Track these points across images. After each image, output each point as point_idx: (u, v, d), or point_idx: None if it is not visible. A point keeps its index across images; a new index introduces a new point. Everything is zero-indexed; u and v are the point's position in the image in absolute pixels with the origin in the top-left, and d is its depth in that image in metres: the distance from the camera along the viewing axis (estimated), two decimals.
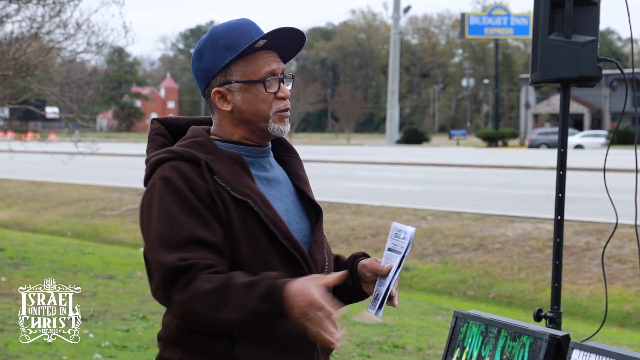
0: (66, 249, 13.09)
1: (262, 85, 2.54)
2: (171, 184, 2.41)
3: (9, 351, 6.79)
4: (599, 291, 10.07)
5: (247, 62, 2.55)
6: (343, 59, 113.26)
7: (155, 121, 2.68)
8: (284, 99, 2.60)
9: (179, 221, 2.38)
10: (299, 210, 2.62)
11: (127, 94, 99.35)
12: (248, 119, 2.56)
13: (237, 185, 2.46)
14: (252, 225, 2.44)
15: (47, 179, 24.14)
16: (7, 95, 11.99)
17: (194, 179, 2.42)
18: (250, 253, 2.43)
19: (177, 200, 2.40)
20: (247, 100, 2.55)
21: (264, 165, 2.61)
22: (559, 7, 3.90)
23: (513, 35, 72.74)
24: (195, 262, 2.33)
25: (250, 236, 2.43)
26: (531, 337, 2.58)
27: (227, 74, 2.55)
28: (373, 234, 13.78)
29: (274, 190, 2.58)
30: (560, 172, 4.04)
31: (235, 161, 2.51)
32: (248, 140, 2.59)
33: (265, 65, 2.55)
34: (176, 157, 2.47)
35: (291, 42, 2.61)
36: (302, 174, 2.72)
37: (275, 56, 2.58)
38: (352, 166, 31.04)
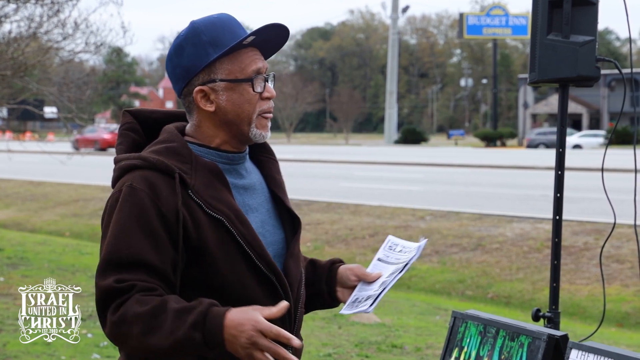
0: (64, 249, 13.09)
1: (249, 84, 2.40)
2: (136, 196, 2.29)
3: (7, 351, 6.79)
4: (597, 291, 10.08)
5: (232, 59, 2.40)
6: (341, 59, 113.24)
7: (127, 114, 2.52)
8: (269, 99, 2.45)
9: (129, 239, 2.26)
10: (273, 220, 2.50)
11: (126, 93, 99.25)
12: (231, 120, 2.41)
13: (212, 200, 2.32)
14: (227, 243, 2.32)
15: (46, 179, 24.14)
16: (6, 95, 11.99)
17: (163, 193, 2.29)
18: (226, 272, 2.32)
19: (135, 214, 2.27)
20: (231, 100, 2.40)
21: (240, 172, 2.47)
22: (558, 7, 3.90)
23: (511, 35, 72.80)
24: (133, 284, 2.22)
25: (225, 254, 2.31)
26: (529, 337, 2.59)
27: (211, 71, 2.40)
28: (371, 233, 13.78)
29: (250, 198, 2.46)
30: (558, 172, 4.04)
31: (212, 172, 2.37)
32: (228, 145, 2.44)
33: (252, 63, 2.41)
34: (148, 165, 2.32)
35: (274, 39, 2.47)
36: (279, 177, 2.59)
37: (259, 54, 2.45)
38: (351, 166, 31.04)
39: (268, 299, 2.36)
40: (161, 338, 2.18)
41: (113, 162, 2.46)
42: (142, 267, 2.25)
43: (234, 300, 2.31)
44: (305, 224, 14.91)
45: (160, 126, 2.51)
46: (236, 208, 2.36)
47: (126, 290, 2.22)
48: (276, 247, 2.47)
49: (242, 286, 2.34)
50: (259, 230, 2.42)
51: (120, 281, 2.22)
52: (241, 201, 2.43)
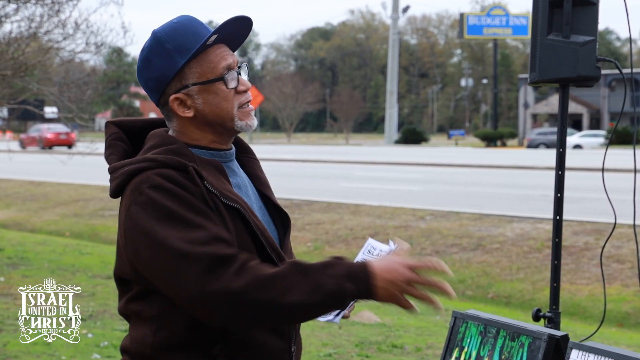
0: (65, 249, 13.09)
1: (222, 82, 2.37)
2: (165, 189, 2.23)
3: (7, 351, 6.79)
4: (598, 291, 10.08)
5: (200, 61, 2.38)
6: (342, 59, 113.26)
7: (110, 125, 2.49)
8: (245, 92, 2.42)
9: (191, 223, 2.20)
10: (266, 217, 2.49)
11: (126, 94, 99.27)
12: (212, 121, 2.39)
13: (224, 191, 2.32)
14: (243, 233, 2.31)
15: (46, 179, 24.14)
16: (6, 95, 11.99)
17: (186, 184, 2.26)
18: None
19: (179, 202, 2.22)
20: (208, 102, 2.37)
21: (233, 169, 2.47)
22: (558, 7, 3.90)
23: (512, 35, 72.80)
24: (234, 254, 2.17)
25: (243, 244, 2.30)
26: (530, 337, 2.59)
27: (182, 78, 2.37)
28: (372, 234, 13.78)
29: (245, 196, 2.45)
30: (559, 172, 4.04)
31: (215, 168, 2.38)
32: (216, 143, 2.43)
33: (221, 60, 2.38)
34: (158, 165, 2.29)
35: (237, 32, 2.45)
36: (263, 176, 2.58)
37: (226, 49, 2.42)
38: (351, 166, 31.04)
39: None
40: (308, 294, 2.15)
41: (108, 172, 2.40)
42: (221, 241, 2.20)
43: None
44: (305, 224, 14.91)
45: (141, 135, 2.48)
46: (245, 200, 2.37)
47: (231, 258, 2.16)
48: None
49: None
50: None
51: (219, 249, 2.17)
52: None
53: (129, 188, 2.28)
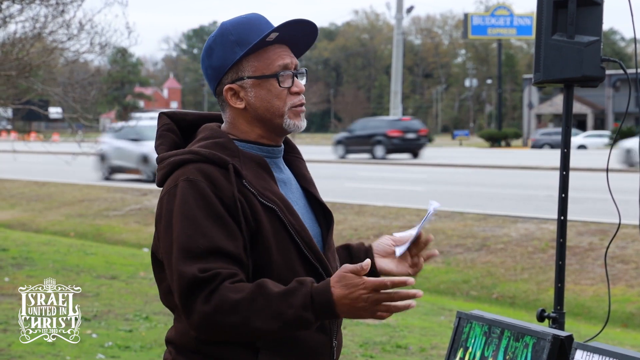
0: (69, 249, 13.10)
1: (276, 79, 2.45)
2: (196, 187, 2.32)
3: (12, 351, 6.80)
4: (602, 291, 10.06)
5: (259, 56, 2.45)
6: (346, 59, 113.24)
7: (163, 115, 2.57)
8: (298, 94, 2.49)
9: (201, 228, 2.29)
10: (310, 214, 2.54)
11: (130, 94, 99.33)
12: (262, 115, 2.46)
13: (263, 190, 2.38)
14: (280, 232, 2.37)
15: (50, 179, 24.16)
16: (11, 95, 12.00)
17: (221, 183, 2.33)
18: (280, 260, 2.37)
19: (202, 205, 2.31)
20: (260, 97, 2.45)
21: (280, 166, 2.53)
22: (562, 7, 3.89)
23: (516, 36, 72.69)
24: (217, 272, 2.26)
25: (279, 243, 2.37)
26: (534, 338, 2.58)
27: (238, 70, 2.46)
28: (376, 234, 13.78)
29: (290, 192, 2.51)
30: (563, 173, 4.03)
31: (259, 164, 2.44)
32: (265, 139, 2.49)
33: (278, 59, 2.46)
34: (201, 159, 2.37)
35: (301, 36, 2.51)
36: (308, 175, 2.64)
37: (287, 50, 2.49)
38: (355, 166, 31.04)
39: None
40: (268, 322, 2.24)
41: (156, 161, 2.50)
42: (220, 255, 2.29)
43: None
44: None
45: (194, 127, 2.56)
46: (284, 198, 2.42)
47: (211, 279, 2.25)
48: (317, 238, 2.52)
49: (292, 274, 2.38)
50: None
51: (204, 270, 2.26)
52: (284, 194, 2.48)
53: (171, 177, 2.39)
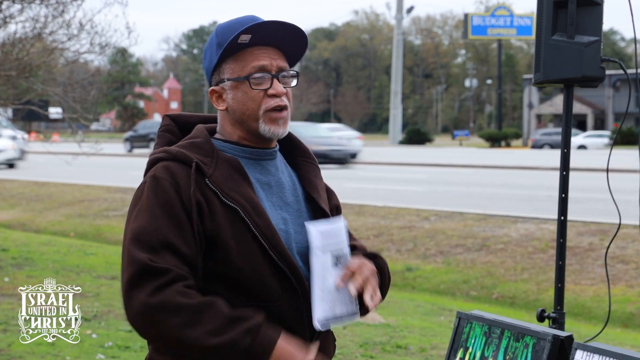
0: (69, 250, 13.09)
1: (248, 81, 2.44)
2: (159, 185, 2.36)
3: (12, 351, 6.80)
4: (602, 292, 10.06)
5: (236, 59, 2.46)
6: (346, 60, 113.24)
7: (166, 117, 2.61)
8: (275, 97, 2.45)
9: (158, 222, 2.31)
10: (303, 219, 2.50)
11: (130, 94, 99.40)
12: (240, 118, 2.47)
13: (229, 190, 2.37)
14: (242, 233, 2.35)
15: (50, 180, 24.16)
16: (11, 95, 12.00)
17: (183, 180, 2.36)
18: (242, 261, 2.35)
19: (161, 201, 2.34)
20: (237, 99, 2.46)
21: (267, 168, 2.51)
22: (562, 7, 3.89)
23: (516, 36, 72.70)
24: (169, 269, 2.26)
25: (240, 244, 2.35)
26: (534, 338, 2.58)
27: (220, 72, 2.48)
28: (376, 234, 13.78)
29: (274, 196, 2.48)
30: (563, 173, 4.03)
31: (232, 166, 2.43)
32: (246, 140, 2.49)
33: (254, 60, 2.45)
34: (169, 157, 2.41)
35: (289, 39, 2.49)
36: (316, 180, 2.61)
37: (269, 52, 2.47)
38: (355, 167, 31.04)
39: (284, 292, 2.39)
40: (204, 335, 2.23)
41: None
42: (171, 251, 2.30)
43: (250, 291, 2.36)
44: None
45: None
46: (254, 200, 2.40)
47: (162, 272, 2.26)
48: (302, 245, 2.47)
49: (258, 277, 2.36)
50: (280, 227, 2.43)
51: (154, 261, 2.26)
52: (262, 196, 2.46)
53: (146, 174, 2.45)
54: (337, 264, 2.43)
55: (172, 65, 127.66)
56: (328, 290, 2.40)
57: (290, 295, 2.38)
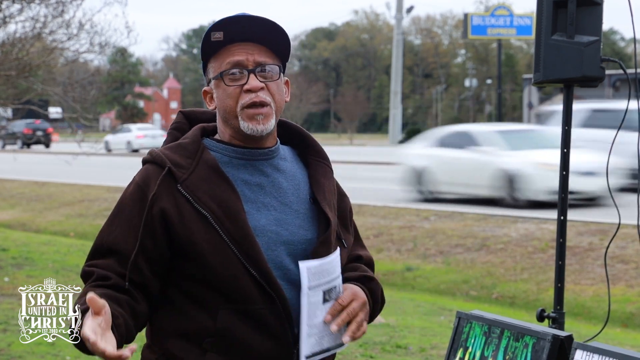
0: (69, 249, 13.10)
1: (222, 78, 2.42)
2: (131, 189, 2.42)
3: (12, 351, 6.80)
4: (602, 291, 10.06)
5: (217, 57, 2.44)
6: (346, 59, 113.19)
7: (180, 114, 2.60)
8: (250, 92, 2.40)
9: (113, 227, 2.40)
10: (301, 220, 2.47)
11: (130, 94, 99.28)
12: (223, 117, 2.45)
13: (202, 195, 2.36)
14: (216, 238, 2.34)
15: (50, 180, 24.16)
16: (10, 95, 12.00)
17: (152, 185, 2.37)
18: (217, 264, 2.34)
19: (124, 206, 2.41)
20: (219, 97, 2.44)
21: (260, 168, 2.45)
22: (562, 7, 3.89)
23: (516, 36, 72.58)
24: (92, 272, 2.35)
25: (215, 248, 2.34)
26: (534, 338, 2.58)
27: (207, 72, 2.48)
28: (376, 234, 13.78)
29: (268, 197, 2.44)
30: (563, 172, 4.03)
31: (211, 167, 2.40)
32: (236, 140, 2.46)
33: (228, 56, 2.42)
34: (150, 159, 2.43)
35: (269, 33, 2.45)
36: (324, 180, 2.56)
37: (248, 47, 2.43)
38: (355, 166, 31.04)
39: (262, 296, 2.37)
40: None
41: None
42: (114, 255, 2.36)
43: (229, 294, 2.36)
44: None
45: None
46: (230, 204, 2.37)
47: (88, 276, 2.36)
48: (295, 247, 2.44)
49: (234, 281, 2.35)
50: (271, 228, 2.40)
51: (89, 266, 2.37)
52: (251, 197, 2.42)
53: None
54: (327, 299, 2.43)
55: (171, 65, 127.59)
56: (316, 325, 2.41)
57: (267, 300, 2.36)
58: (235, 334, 2.35)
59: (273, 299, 2.36)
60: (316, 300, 2.40)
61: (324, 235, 2.48)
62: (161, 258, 2.37)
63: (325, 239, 2.47)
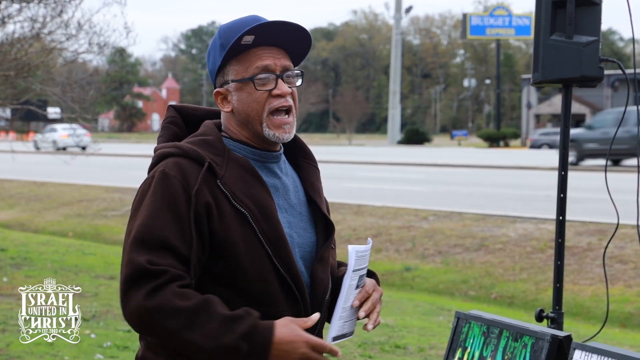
0: (68, 250, 13.09)
1: (252, 82, 2.41)
2: (168, 181, 2.33)
3: (10, 351, 6.79)
4: (601, 291, 10.06)
5: (240, 59, 2.42)
6: (345, 59, 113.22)
7: (171, 108, 2.58)
8: (280, 97, 2.41)
9: (160, 221, 2.29)
10: (305, 223, 2.50)
11: (129, 94, 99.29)
12: (245, 120, 2.43)
13: (239, 194, 2.35)
14: (251, 237, 2.34)
15: (49, 180, 24.14)
16: (9, 95, 12.00)
17: (193, 180, 2.33)
18: (248, 266, 2.34)
19: (168, 200, 2.31)
20: (241, 100, 2.43)
21: (273, 170, 2.48)
22: (561, 7, 3.89)
23: (515, 36, 72.71)
24: (165, 270, 2.25)
25: (249, 247, 2.34)
26: (533, 338, 2.58)
27: (224, 73, 2.45)
28: (375, 234, 13.78)
29: (281, 199, 2.46)
30: (562, 173, 4.04)
31: (244, 167, 2.40)
32: (253, 142, 2.46)
33: (257, 60, 2.41)
34: (182, 153, 2.37)
35: (293, 39, 2.46)
36: (317, 183, 2.58)
37: (273, 52, 2.43)
38: (354, 166, 31.03)
39: (286, 299, 2.38)
40: (204, 338, 2.22)
41: (153, 151, 2.52)
42: (171, 252, 2.28)
43: (254, 295, 2.35)
44: None
45: (201, 122, 2.55)
46: (264, 204, 2.38)
47: (158, 274, 2.24)
48: (304, 249, 2.46)
49: (263, 282, 2.35)
50: (286, 230, 2.42)
51: (152, 263, 2.25)
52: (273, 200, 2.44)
53: (154, 168, 2.41)
54: (358, 286, 2.47)
55: (170, 65, 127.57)
56: (346, 309, 2.45)
57: (292, 303, 2.38)
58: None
59: (297, 301, 2.38)
60: (353, 284, 2.43)
61: (330, 239, 2.51)
62: (204, 256, 2.35)
63: (329, 243, 2.52)
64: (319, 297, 2.46)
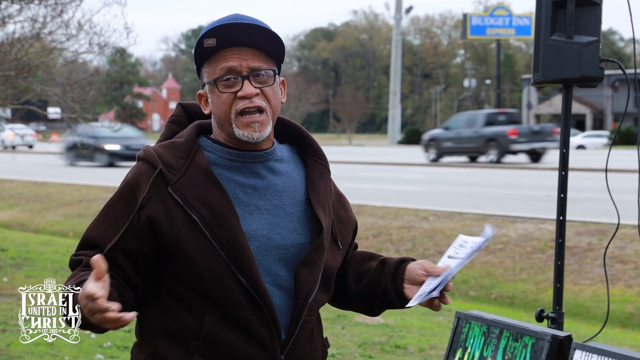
0: (68, 250, 13.09)
1: (215, 85, 2.40)
2: (123, 186, 2.42)
3: (10, 351, 6.79)
4: (601, 292, 10.06)
5: (210, 62, 2.42)
6: (345, 60, 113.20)
7: (178, 106, 2.58)
8: (244, 98, 2.37)
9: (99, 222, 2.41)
10: (294, 224, 2.44)
11: (129, 94, 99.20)
12: (219, 122, 2.42)
13: (192, 199, 2.33)
14: (204, 242, 2.32)
15: (49, 180, 24.15)
16: (9, 95, 11.99)
17: (144, 185, 2.36)
18: (204, 269, 2.32)
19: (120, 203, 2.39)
20: (213, 102, 2.42)
21: (256, 171, 2.42)
22: (561, 7, 3.90)
23: (515, 36, 72.65)
24: (81, 259, 2.37)
25: (203, 252, 2.32)
26: (533, 338, 2.58)
27: (201, 76, 2.47)
28: (375, 234, 13.78)
29: (262, 199, 2.40)
30: (562, 173, 4.04)
31: (202, 170, 2.37)
32: (231, 143, 2.43)
33: (222, 62, 2.39)
34: (143, 156, 2.41)
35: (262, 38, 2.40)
36: (319, 181, 2.52)
37: (242, 53, 2.39)
38: (354, 167, 31.03)
39: (249, 303, 2.35)
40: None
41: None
42: (98, 249, 2.35)
43: (216, 299, 2.34)
44: None
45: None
46: (219, 209, 2.34)
47: (77, 263, 2.38)
48: (288, 251, 2.41)
49: (220, 286, 2.33)
50: (263, 232, 2.38)
51: (77, 255, 2.39)
52: (244, 200, 2.39)
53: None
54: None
55: (171, 66, 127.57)
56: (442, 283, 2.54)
57: (255, 307, 2.34)
58: (221, 339, 2.33)
59: (260, 306, 2.34)
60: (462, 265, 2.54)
61: (317, 241, 2.44)
62: (144, 257, 2.36)
63: (318, 245, 2.44)
64: (302, 298, 2.41)
